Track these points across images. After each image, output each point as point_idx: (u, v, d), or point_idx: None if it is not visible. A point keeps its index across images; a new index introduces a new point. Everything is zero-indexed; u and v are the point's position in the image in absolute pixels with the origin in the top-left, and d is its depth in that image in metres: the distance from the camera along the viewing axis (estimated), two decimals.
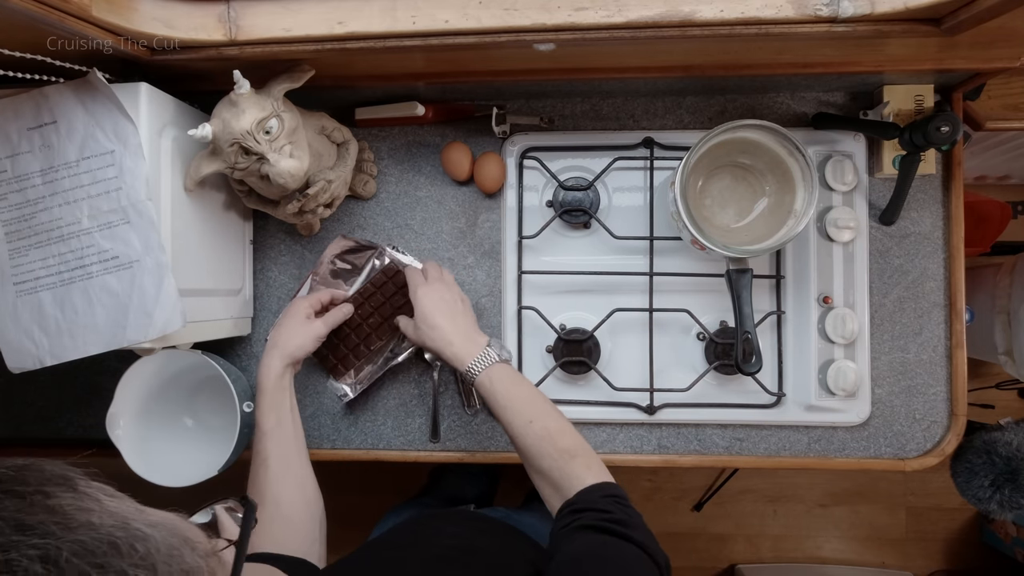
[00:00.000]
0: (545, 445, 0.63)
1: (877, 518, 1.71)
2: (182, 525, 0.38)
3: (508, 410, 0.66)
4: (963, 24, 0.57)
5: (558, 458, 0.62)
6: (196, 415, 0.86)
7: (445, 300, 0.73)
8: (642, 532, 0.53)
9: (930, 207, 0.81)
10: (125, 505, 0.37)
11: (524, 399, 0.66)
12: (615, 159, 0.81)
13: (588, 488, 0.58)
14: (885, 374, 0.81)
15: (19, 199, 0.65)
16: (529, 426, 0.64)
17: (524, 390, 0.68)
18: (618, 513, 0.55)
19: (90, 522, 0.34)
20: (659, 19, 0.59)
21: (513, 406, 0.66)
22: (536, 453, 0.63)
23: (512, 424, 0.65)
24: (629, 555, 0.51)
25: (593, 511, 0.55)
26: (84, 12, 0.54)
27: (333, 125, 0.77)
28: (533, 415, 0.65)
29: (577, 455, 0.62)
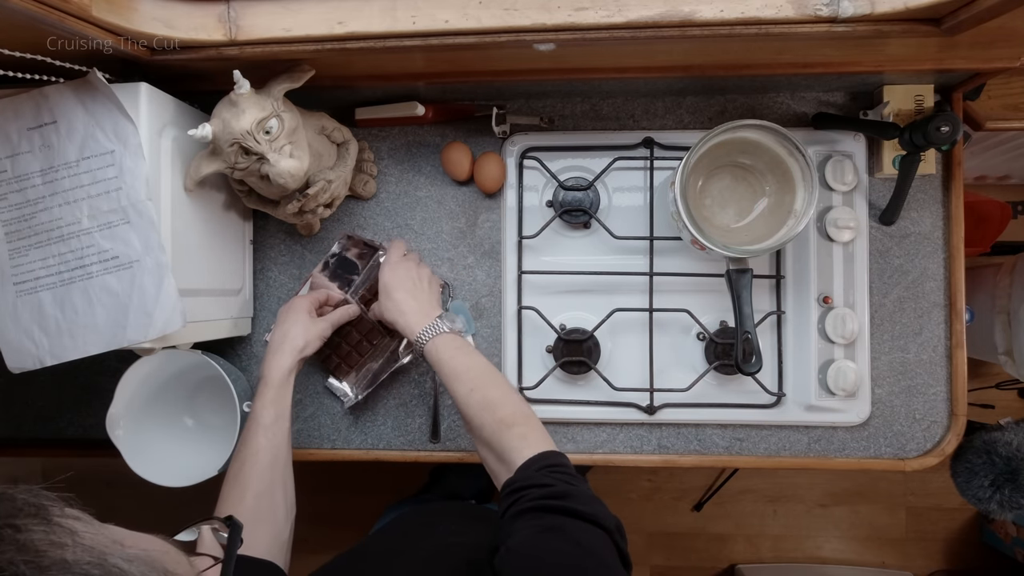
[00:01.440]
0: (485, 415, 0.62)
1: (877, 518, 1.71)
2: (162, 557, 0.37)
3: (451, 378, 0.65)
4: (963, 24, 0.57)
5: (496, 429, 0.60)
6: (196, 415, 0.86)
7: (409, 275, 0.74)
8: (585, 501, 0.52)
9: (930, 207, 0.81)
10: (102, 536, 0.35)
11: (468, 368, 0.66)
12: (615, 159, 0.81)
13: (527, 462, 0.56)
14: (885, 374, 0.81)
15: (19, 199, 0.65)
16: (470, 395, 0.63)
17: (469, 360, 0.67)
18: (559, 486, 0.53)
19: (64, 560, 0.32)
20: (659, 19, 0.59)
21: (456, 375, 0.65)
22: (478, 424, 0.62)
23: (456, 393, 0.65)
24: (574, 531, 0.49)
25: (534, 487, 0.53)
26: (84, 12, 0.54)
27: (333, 125, 0.77)
28: (475, 384, 0.64)
29: (515, 424, 0.60)
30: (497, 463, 0.61)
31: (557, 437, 0.84)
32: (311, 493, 0.66)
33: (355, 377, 0.83)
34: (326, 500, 1.50)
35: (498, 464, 0.61)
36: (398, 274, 0.74)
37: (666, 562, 1.72)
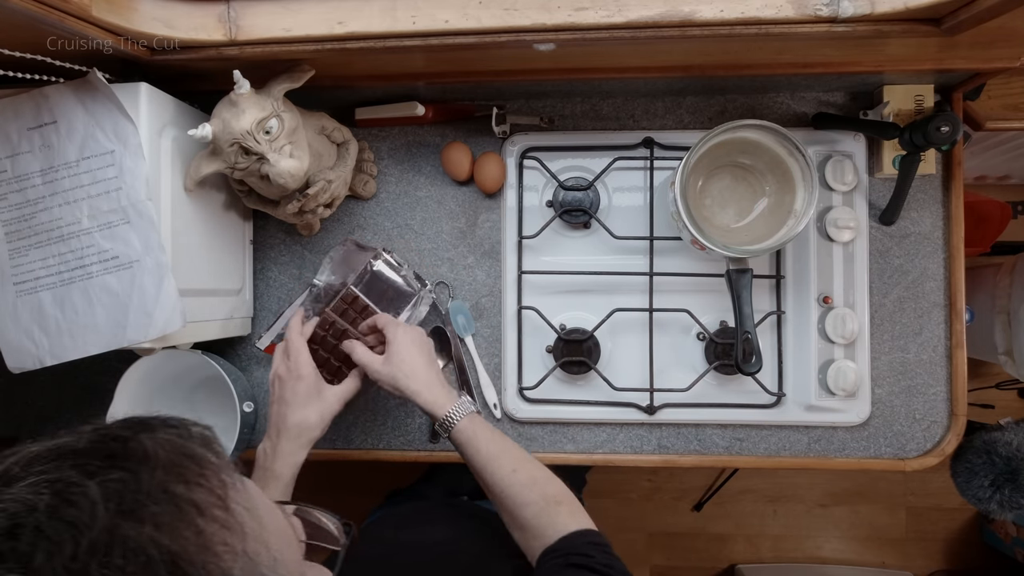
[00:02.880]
0: (530, 493, 0.61)
1: (877, 518, 1.71)
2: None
3: (490, 459, 0.63)
4: (963, 24, 0.57)
5: (544, 506, 0.60)
6: (196, 415, 0.85)
7: (424, 344, 0.70)
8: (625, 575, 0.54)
9: (930, 207, 0.81)
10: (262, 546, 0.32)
11: (506, 449, 0.65)
12: (615, 159, 0.81)
13: (571, 535, 0.58)
14: (885, 374, 0.81)
15: (19, 199, 0.65)
16: (514, 475, 0.62)
17: (503, 440, 0.66)
18: (600, 558, 0.54)
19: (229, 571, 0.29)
20: (659, 19, 0.59)
21: (495, 455, 0.63)
22: (521, 502, 0.61)
23: (495, 473, 0.63)
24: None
25: (578, 554, 0.55)
26: (84, 12, 0.54)
27: (333, 125, 0.77)
28: (516, 464, 0.63)
29: (563, 502, 0.61)
30: (534, 539, 0.60)
31: (557, 437, 0.84)
32: (311, 492, 0.66)
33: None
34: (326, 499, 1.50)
35: (535, 538, 0.60)
36: (414, 338, 0.69)
37: (666, 562, 1.72)
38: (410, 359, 0.67)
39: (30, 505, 0.26)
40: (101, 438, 0.30)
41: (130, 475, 0.28)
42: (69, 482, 0.27)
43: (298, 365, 0.68)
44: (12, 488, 0.27)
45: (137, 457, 0.29)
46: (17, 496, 0.27)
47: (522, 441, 0.84)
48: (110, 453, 0.29)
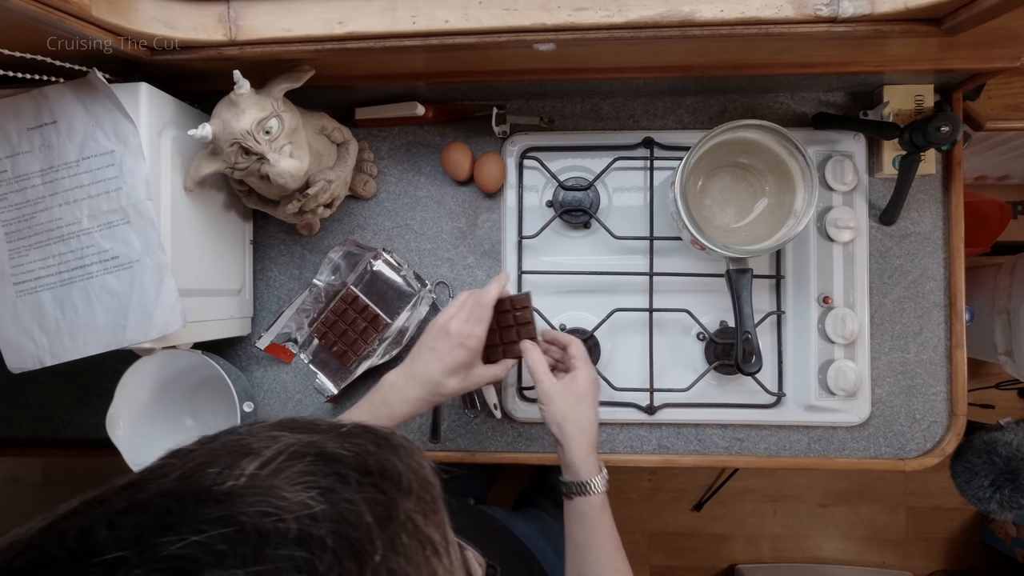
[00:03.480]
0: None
1: (877, 518, 1.71)
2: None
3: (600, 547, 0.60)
4: (963, 24, 0.57)
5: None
6: (196, 415, 0.86)
7: (598, 396, 0.66)
8: None
9: (930, 207, 0.81)
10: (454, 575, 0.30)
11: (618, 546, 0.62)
12: (615, 159, 0.81)
13: None
14: (885, 374, 0.81)
15: (19, 199, 0.65)
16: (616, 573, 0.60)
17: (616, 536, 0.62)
18: None
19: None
20: (659, 19, 0.59)
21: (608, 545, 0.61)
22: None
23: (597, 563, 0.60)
24: None
25: None
26: (84, 12, 0.54)
27: (333, 125, 0.77)
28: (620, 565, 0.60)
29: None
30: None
31: None
32: None
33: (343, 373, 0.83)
34: None
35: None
36: (595, 385, 0.65)
37: (666, 562, 1.72)
38: (588, 403, 0.64)
39: (312, 514, 0.24)
40: (357, 449, 0.28)
41: (388, 499, 0.27)
42: (341, 496, 0.26)
43: (472, 332, 0.64)
44: (279, 481, 0.25)
45: (392, 479, 0.28)
46: (295, 499, 0.25)
47: (522, 441, 0.84)
48: (367, 468, 0.28)
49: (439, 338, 0.65)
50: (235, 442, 0.28)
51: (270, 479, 0.25)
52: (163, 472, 0.26)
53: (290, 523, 0.23)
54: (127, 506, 0.24)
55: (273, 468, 0.26)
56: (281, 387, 0.86)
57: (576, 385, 0.65)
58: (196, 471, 0.26)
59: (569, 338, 0.69)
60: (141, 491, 0.25)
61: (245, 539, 0.22)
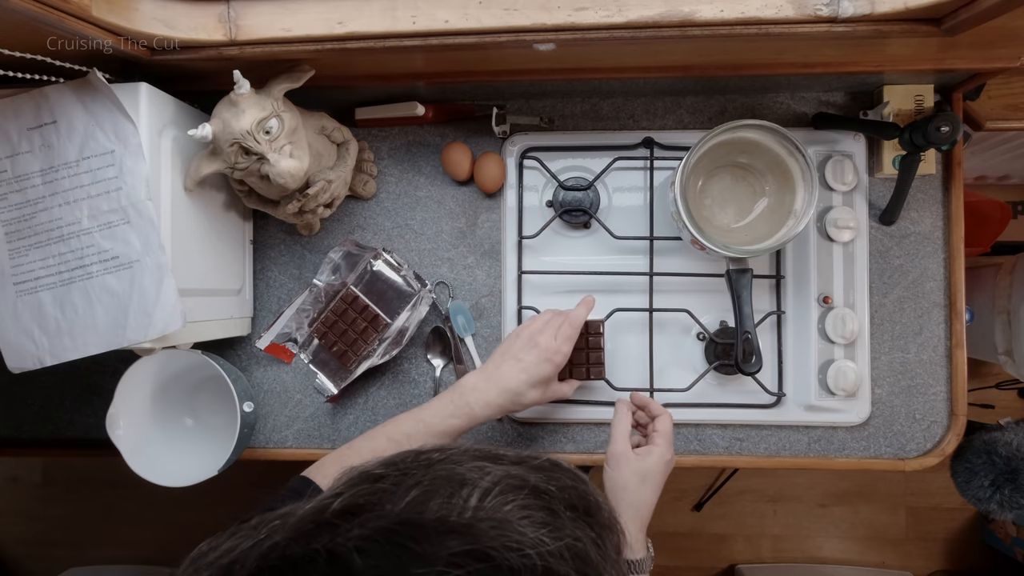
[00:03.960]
0: None
1: (877, 518, 1.71)
2: None
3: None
4: (963, 24, 0.57)
5: None
6: (196, 415, 0.86)
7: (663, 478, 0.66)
8: None
9: (930, 207, 0.81)
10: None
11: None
12: (615, 159, 0.81)
13: None
14: (885, 374, 0.81)
15: (19, 199, 0.65)
16: None
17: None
18: None
19: None
20: (659, 19, 0.59)
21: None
22: None
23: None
24: None
25: None
26: (84, 12, 0.54)
27: (333, 125, 0.77)
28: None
29: None
30: None
31: (557, 437, 0.84)
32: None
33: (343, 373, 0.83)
34: None
35: None
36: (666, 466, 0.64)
37: (666, 562, 1.72)
38: (651, 484, 0.64)
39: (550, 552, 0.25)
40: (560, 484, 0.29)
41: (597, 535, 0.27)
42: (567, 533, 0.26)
43: (560, 348, 0.66)
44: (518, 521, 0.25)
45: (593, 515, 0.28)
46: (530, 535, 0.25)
47: (522, 441, 0.84)
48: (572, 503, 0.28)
49: (527, 349, 0.66)
50: (446, 471, 0.27)
51: (497, 512, 0.25)
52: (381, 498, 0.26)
53: (535, 559, 0.24)
54: (369, 532, 0.24)
55: (495, 501, 0.26)
56: (281, 387, 0.86)
57: (648, 461, 0.64)
58: (422, 499, 0.26)
59: (662, 410, 0.69)
60: (374, 517, 0.25)
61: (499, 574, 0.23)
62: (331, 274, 0.83)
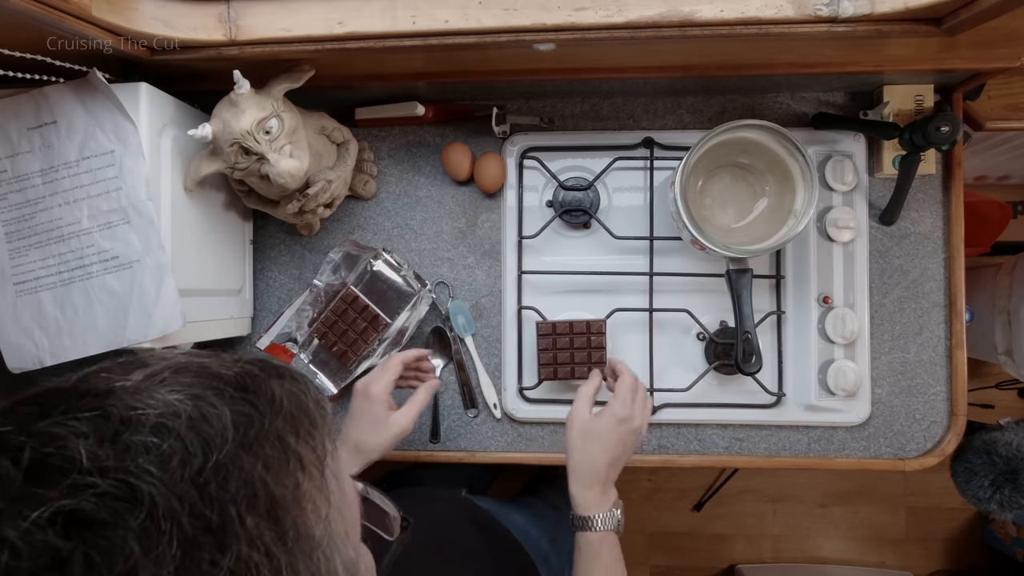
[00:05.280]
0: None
1: (877, 518, 1.71)
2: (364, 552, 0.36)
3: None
4: (963, 24, 0.57)
5: None
6: None
7: (630, 440, 0.65)
8: None
9: (930, 207, 0.81)
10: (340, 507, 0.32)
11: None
12: (615, 159, 0.81)
13: None
14: (885, 374, 0.81)
15: (19, 199, 0.65)
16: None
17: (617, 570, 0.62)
18: None
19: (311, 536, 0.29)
20: (659, 19, 0.59)
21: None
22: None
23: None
24: None
25: None
26: (84, 12, 0.54)
27: (333, 125, 0.77)
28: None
29: None
30: None
31: (557, 437, 0.84)
32: None
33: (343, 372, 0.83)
34: None
35: None
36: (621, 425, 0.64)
37: (666, 562, 1.72)
38: (597, 441, 0.64)
39: (174, 411, 0.28)
40: (241, 371, 0.32)
41: (256, 413, 0.30)
42: (208, 401, 0.29)
43: (372, 383, 0.68)
44: (160, 390, 0.29)
45: (266, 398, 0.31)
46: (164, 399, 0.28)
47: (522, 441, 0.84)
48: (244, 387, 0.31)
49: (352, 401, 0.69)
50: (140, 359, 0.31)
51: (149, 384, 0.29)
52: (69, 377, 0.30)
53: (151, 416, 0.27)
54: (27, 396, 0.28)
55: (157, 379, 0.29)
56: None
57: (597, 422, 0.65)
58: (93, 375, 0.30)
59: (623, 370, 0.69)
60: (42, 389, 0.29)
61: (107, 424, 0.26)
62: (331, 274, 0.83)
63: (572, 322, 0.76)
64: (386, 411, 0.68)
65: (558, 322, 0.77)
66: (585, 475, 0.63)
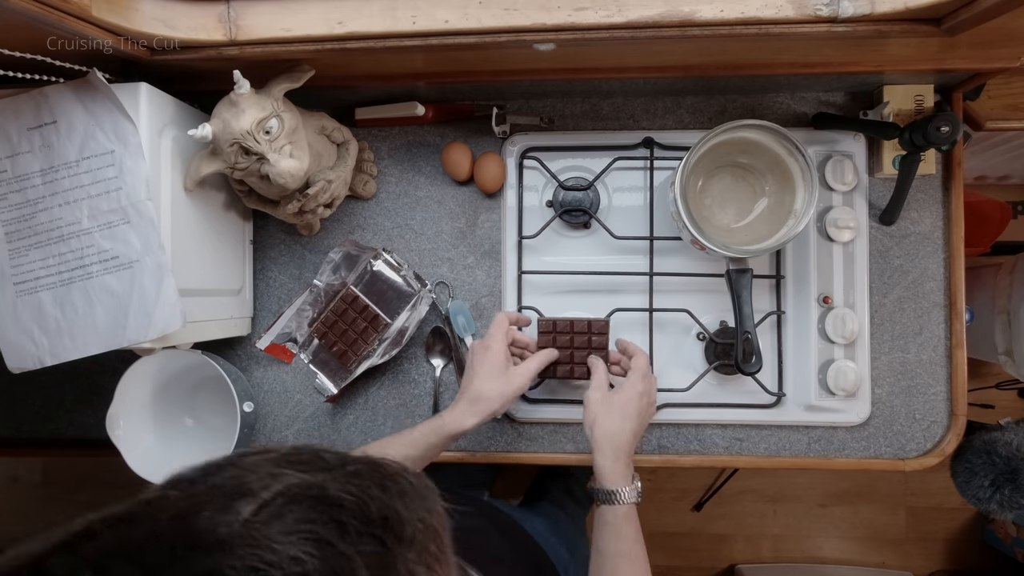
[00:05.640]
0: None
1: (877, 518, 1.71)
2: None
3: (622, 558, 0.61)
4: (963, 24, 0.57)
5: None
6: (196, 415, 0.86)
7: (646, 411, 0.67)
8: None
9: (930, 207, 0.81)
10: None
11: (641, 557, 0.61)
12: (615, 159, 0.81)
13: None
14: (885, 374, 0.81)
15: (19, 199, 0.65)
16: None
17: (642, 547, 0.62)
18: None
19: None
20: (659, 19, 0.59)
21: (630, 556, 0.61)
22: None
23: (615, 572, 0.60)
24: None
25: None
26: (84, 12, 0.54)
27: (333, 125, 0.77)
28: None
29: None
30: None
31: (557, 437, 0.84)
32: None
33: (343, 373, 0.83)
34: None
35: None
36: (641, 398, 0.66)
37: (666, 562, 1.72)
38: (620, 414, 0.65)
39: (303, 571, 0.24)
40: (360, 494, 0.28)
41: (387, 552, 0.26)
42: (336, 550, 0.25)
43: (490, 339, 0.70)
44: (273, 529, 0.25)
45: (394, 530, 0.27)
46: (287, 552, 0.24)
47: (522, 441, 0.84)
48: (368, 517, 0.27)
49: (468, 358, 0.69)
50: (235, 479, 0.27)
51: (265, 527, 0.25)
52: (160, 507, 0.26)
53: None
54: (117, 549, 0.24)
55: (269, 513, 0.25)
56: (281, 387, 0.86)
57: (617, 396, 0.66)
58: (191, 511, 0.25)
59: (636, 349, 0.71)
60: (134, 530, 0.24)
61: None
62: (331, 274, 0.83)
63: (573, 320, 0.76)
64: (506, 362, 0.69)
65: (559, 319, 0.77)
66: (611, 448, 0.64)
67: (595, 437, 0.65)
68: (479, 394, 0.67)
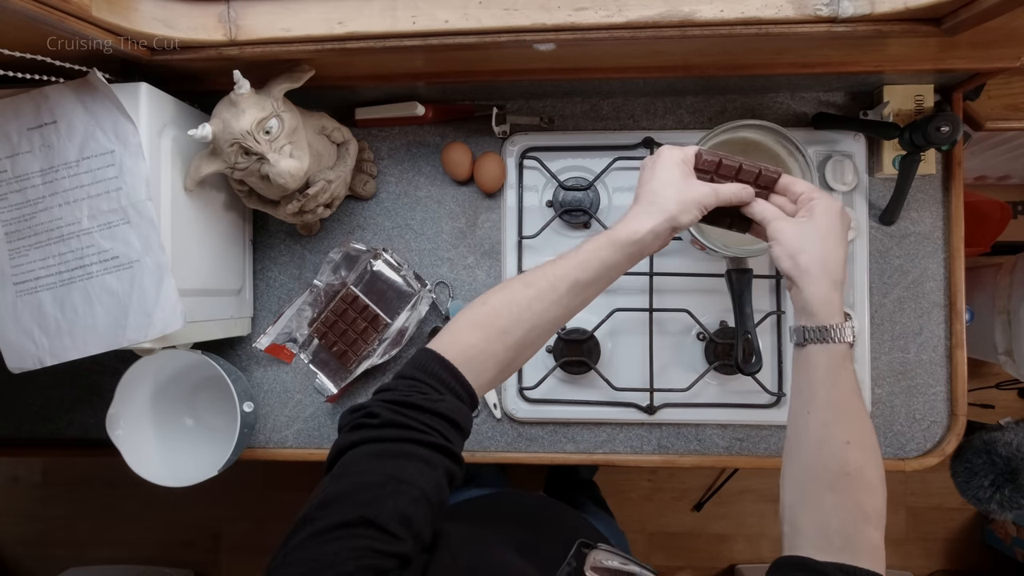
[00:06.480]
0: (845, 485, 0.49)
1: None
2: None
3: (837, 408, 0.51)
4: (963, 24, 0.57)
5: (851, 510, 0.48)
6: (196, 415, 0.86)
7: (847, 225, 0.56)
8: None
9: (930, 207, 0.81)
10: None
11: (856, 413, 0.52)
12: (615, 159, 0.81)
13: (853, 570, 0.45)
14: (885, 374, 0.81)
15: (19, 199, 0.65)
16: (846, 447, 0.49)
17: (860, 400, 0.53)
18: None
19: None
20: (659, 19, 0.59)
21: (843, 411, 0.51)
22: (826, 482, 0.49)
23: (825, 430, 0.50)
24: None
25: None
26: (84, 12, 0.54)
27: (333, 125, 0.77)
28: (853, 436, 0.50)
29: (871, 521, 0.48)
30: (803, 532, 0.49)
31: (557, 437, 0.84)
32: (306, 492, 0.66)
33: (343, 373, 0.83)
34: None
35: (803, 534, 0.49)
36: (840, 215, 0.55)
37: (666, 562, 1.72)
38: (830, 236, 0.54)
39: None
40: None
41: None
42: None
43: (667, 151, 0.59)
44: None
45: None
46: None
47: (522, 441, 0.84)
48: None
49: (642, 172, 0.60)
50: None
51: None
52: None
53: None
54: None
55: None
56: (281, 387, 0.86)
57: (814, 219, 0.55)
58: None
59: (799, 181, 0.59)
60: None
61: None
62: (331, 274, 0.83)
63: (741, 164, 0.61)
64: (683, 167, 0.58)
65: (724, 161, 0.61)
66: (826, 276, 0.54)
67: (802, 264, 0.54)
68: (654, 195, 0.56)
